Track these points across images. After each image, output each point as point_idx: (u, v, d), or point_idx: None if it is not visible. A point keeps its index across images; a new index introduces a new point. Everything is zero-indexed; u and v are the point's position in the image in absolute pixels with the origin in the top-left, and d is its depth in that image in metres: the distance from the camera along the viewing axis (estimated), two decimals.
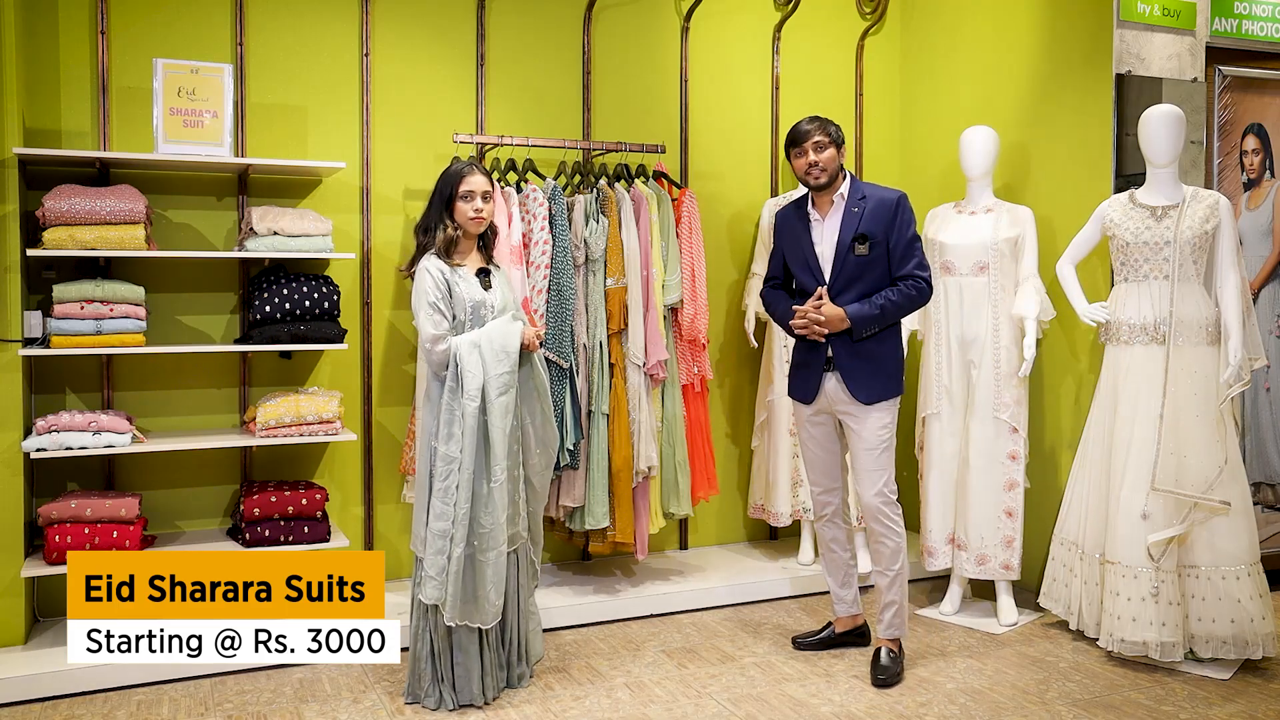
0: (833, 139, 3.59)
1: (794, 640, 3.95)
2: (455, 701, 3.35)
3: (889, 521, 3.63)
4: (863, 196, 3.59)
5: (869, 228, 3.54)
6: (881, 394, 3.57)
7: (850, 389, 3.57)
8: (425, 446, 3.37)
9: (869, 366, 3.56)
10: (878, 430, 3.59)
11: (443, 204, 3.43)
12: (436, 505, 3.26)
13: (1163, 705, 3.41)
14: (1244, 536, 3.66)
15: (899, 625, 3.66)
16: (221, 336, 4.12)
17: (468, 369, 3.27)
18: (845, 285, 3.57)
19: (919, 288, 3.55)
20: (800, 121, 3.63)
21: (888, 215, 3.55)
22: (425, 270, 3.35)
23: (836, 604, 3.91)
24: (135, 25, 3.98)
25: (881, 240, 3.55)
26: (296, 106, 4.22)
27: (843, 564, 3.87)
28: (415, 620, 3.38)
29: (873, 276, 3.55)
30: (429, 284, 3.33)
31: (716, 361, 4.92)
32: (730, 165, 4.99)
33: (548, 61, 4.62)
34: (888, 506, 3.62)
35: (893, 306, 3.53)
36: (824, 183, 3.58)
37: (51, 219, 3.56)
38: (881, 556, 3.66)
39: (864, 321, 3.52)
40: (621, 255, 4.20)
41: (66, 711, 3.34)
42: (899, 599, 3.65)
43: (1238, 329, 3.68)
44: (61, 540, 3.57)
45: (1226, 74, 4.41)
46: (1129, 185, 4.03)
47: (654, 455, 4.22)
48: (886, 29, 5.28)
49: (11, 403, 3.63)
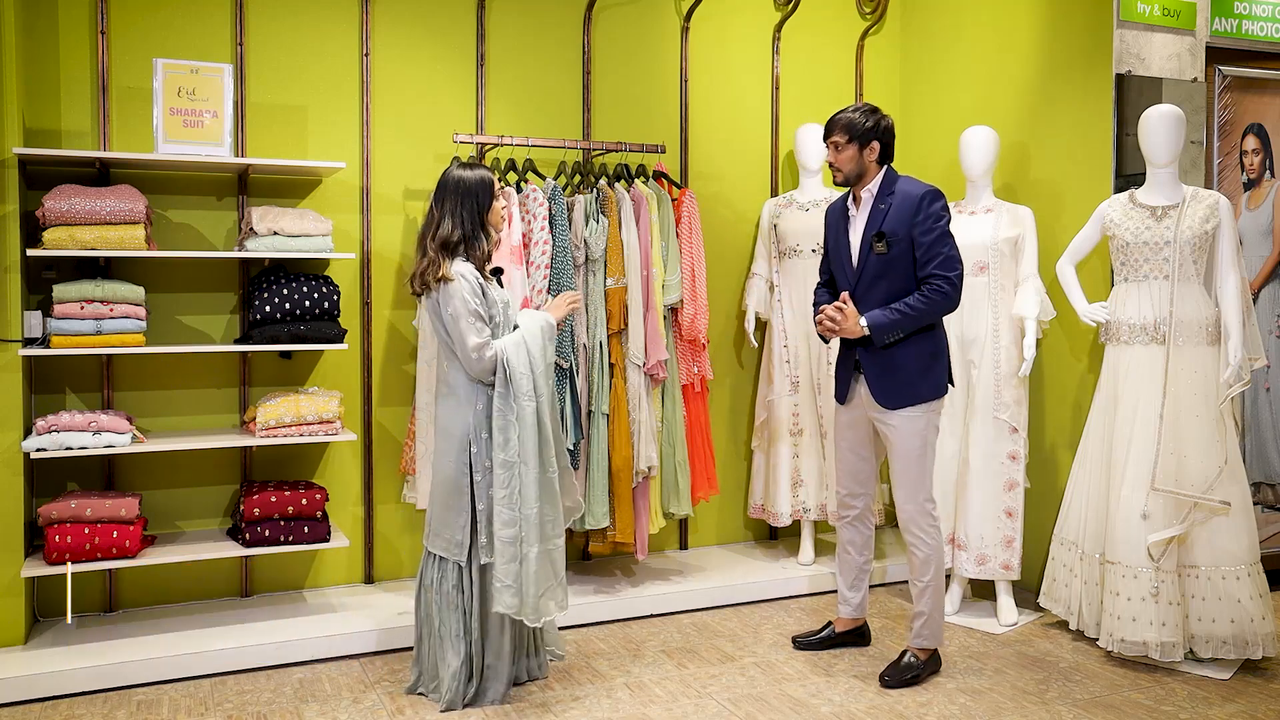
0: (855, 137, 3.47)
1: (794, 640, 3.95)
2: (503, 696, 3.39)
3: (920, 532, 3.55)
4: (891, 192, 3.47)
5: (890, 225, 3.43)
6: (903, 399, 3.48)
7: (873, 393, 3.52)
8: (456, 449, 3.30)
9: (890, 371, 3.48)
10: (908, 438, 3.49)
11: (478, 212, 3.33)
12: (503, 513, 3.20)
13: (1163, 705, 3.41)
14: (1244, 536, 3.67)
15: (927, 635, 3.61)
16: (221, 336, 4.12)
17: (519, 370, 3.24)
18: (870, 285, 3.49)
19: (942, 291, 3.40)
20: (835, 113, 3.56)
21: (910, 211, 3.42)
22: (462, 277, 3.24)
23: (841, 604, 3.89)
24: (135, 25, 3.98)
25: (904, 238, 3.42)
26: (296, 106, 4.22)
27: (855, 567, 3.82)
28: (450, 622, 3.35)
29: (897, 276, 3.45)
30: (467, 291, 3.23)
31: (716, 361, 4.92)
32: (730, 165, 4.99)
33: (548, 61, 4.62)
34: (921, 517, 3.53)
35: (914, 312, 3.40)
36: (842, 181, 3.53)
37: (51, 219, 3.56)
38: (913, 566, 3.60)
39: (883, 330, 3.43)
40: (621, 255, 4.20)
41: (66, 711, 3.33)
42: (928, 610, 3.58)
43: (1238, 329, 3.67)
44: (61, 540, 3.57)
45: (1226, 74, 4.41)
46: (1129, 185, 4.03)
47: (654, 455, 4.23)
48: (886, 29, 5.28)
49: (11, 403, 3.63)
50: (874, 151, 3.50)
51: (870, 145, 3.49)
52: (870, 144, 3.49)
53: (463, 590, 3.34)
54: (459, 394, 3.32)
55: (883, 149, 3.52)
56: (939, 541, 3.57)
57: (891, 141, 3.54)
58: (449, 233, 3.29)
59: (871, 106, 3.56)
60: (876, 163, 3.52)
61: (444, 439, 3.35)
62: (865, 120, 3.49)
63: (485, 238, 3.35)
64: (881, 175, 3.52)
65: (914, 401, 3.49)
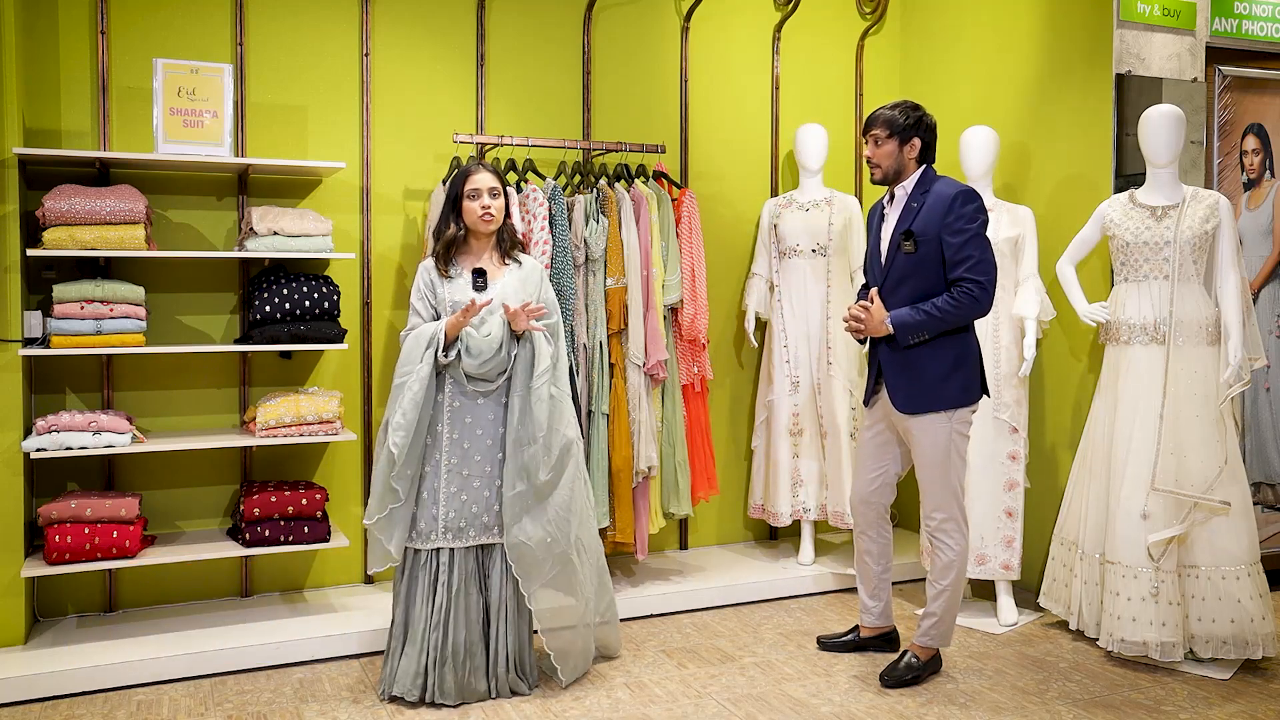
0: (896, 133, 3.42)
1: (819, 641, 3.90)
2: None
3: (947, 539, 3.49)
4: (925, 191, 3.42)
5: (920, 225, 3.37)
6: (922, 405, 3.40)
7: (891, 396, 3.47)
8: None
9: (910, 375, 3.41)
10: (930, 446, 3.42)
11: (451, 205, 3.47)
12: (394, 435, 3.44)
13: (1163, 705, 3.41)
14: (1244, 536, 3.66)
15: (935, 636, 3.57)
16: (221, 336, 4.12)
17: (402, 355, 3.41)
18: (896, 284, 3.44)
19: (971, 295, 3.31)
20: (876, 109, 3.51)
21: (940, 212, 3.34)
22: (420, 270, 3.50)
23: (863, 613, 3.84)
24: (135, 25, 3.98)
25: (933, 239, 3.36)
26: (296, 106, 4.22)
27: (873, 576, 3.75)
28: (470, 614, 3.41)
29: (924, 277, 3.38)
30: (419, 281, 3.48)
31: (716, 361, 4.92)
32: (730, 165, 4.99)
33: (548, 61, 4.62)
34: (949, 524, 3.47)
35: (940, 314, 3.33)
36: (880, 179, 3.48)
37: (51, 219, 3.56)
38: (935, 567, 3.56)
39: (907, 329, 3.37)
40: (621, 255, 4.20)
41: (66, 711, 3.33)
42: (940, 612, 3.54)
43: (1238, 329, 3.67)
44: (61, 540, 3.57)
45: (1226, 74, 4.41)
46: (1129, 185, 4.03)
47: (654, 455, 4.22)
48: (886, 29, 5.28)
49: (11, 403, 3.63)
50: (914, 149, 3.45)
51: (911, 142, 3.45)
52: (911, 140, 3.44)
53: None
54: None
55: (924, 147, 3.46)
56: (965, 549, 3.51)
57: (933, 141, 3.49)
58: (435, 229, 3.56)
59: (913, 104, 3.50)
60: (916, 160, 3.47)
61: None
62: (906, 117, 3.44)
63: (448, 226, 3.47)
64: (919, 174, 3.47)
65: (935, 407, 3.41)
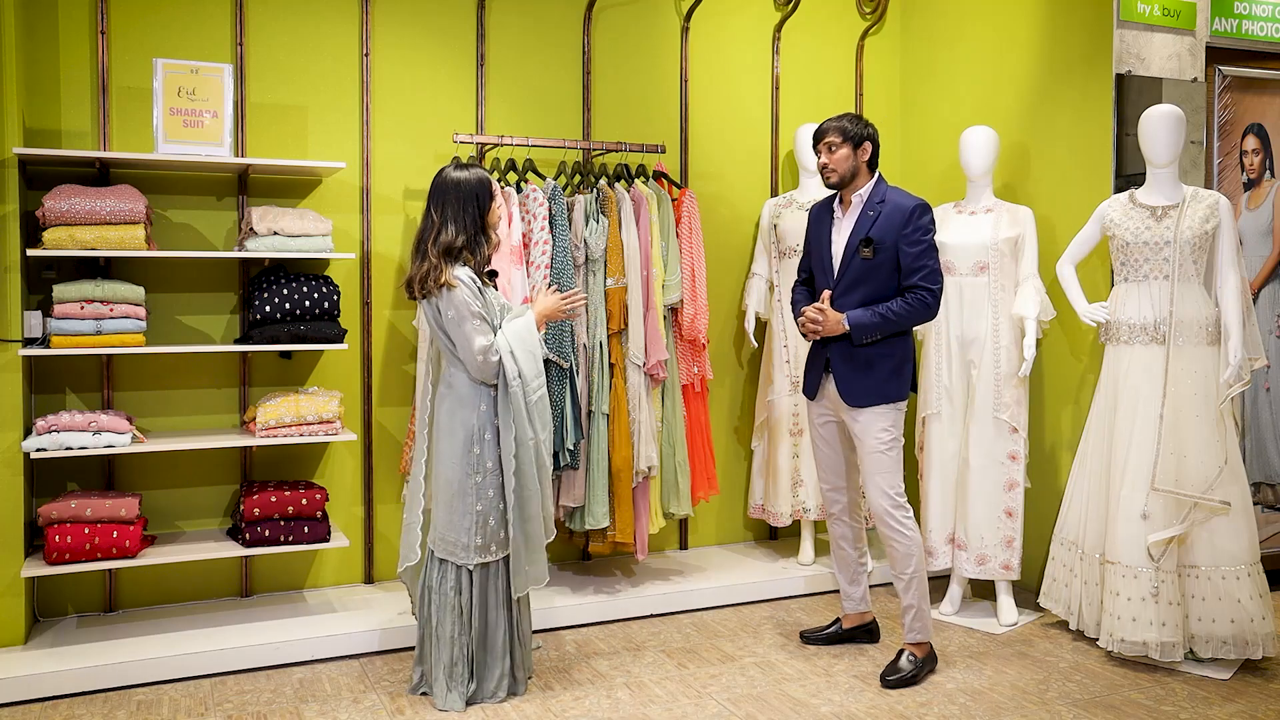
0: (849, 138, 3.57)
1: (802, 634, 3.96)
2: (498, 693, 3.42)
3: (895, 524, 3.60)
4: (881, 200, 3.58)
5: (878, 233, 3.54)
6: (871, 399, 3.57)
7: (840, 392, 3.60)
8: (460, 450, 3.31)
9: (861, 371, 3.57)
10: (875, 435, 3.58)
11: (479, 215, 3.34)
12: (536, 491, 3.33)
13: (1163, 705, 3.41)
14: (1244, 536, 3.66)
15: (919, 629, 3.64)
16: (221, 336, 4.12)
17: (526, 369, 3.33)
18: (850, 287, 3.58)
19: (925, 301, 3.52)
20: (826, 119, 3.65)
21: (899, 222, 3.53)
22: (462, 282, 3.25)
23: (844, 600, 3.93)
24: (135, 25, 3.98)
25: (890, 247, 3.53)
26: (296, 106, 4.22)
27: (850, 562, 3.88)
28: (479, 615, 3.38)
29: (878, 282, 3.55)
30: (469, 295, 3.25)
31: (716, 361, 4.92)
32: (730, 165, 4.99)
33: (548, 61, 4.62)
34: (894, 509, 3.60)
35: (895, 317, 3.52)
36: (835, 183, 3.61)
37: (51, 219, 3.56)
38: (894, 560, 3.64)
39: (863, 329, 3.53)
40: (621, 255, 4.20)
41: (66, 711, 3.33)
42: (916, 602, 3.62)
43: (1238, 329, 3.68)
44: (61, 540, 3.57)
45: (1226, 74, 4.41)
46: (1129, 185, 4.03)
47: (654, 455, 4.22)
48: (886, 29, 5.28)
49: (11, 403, 3.63)
50: (866, 152, 3.61)
51: (863, 145, 3.60)
52: (863, 144, 3.60)
53: (460, 591, 3.35)
54: (461, 395, 3.32)
55: (874, 150, 3.63)
56: (916, 533, 3.63)
57: (878, 147, 3.66)
58: (452, 238, 3.29)
59: (858, 115, 3.74)
60: (868, 166, 3.62)
61: (446, 440, 3.34)
62: (856, 124, 3.62)
63: (486, 241, 3.38)
64: (873, 183, 3.63)
65: (882, 401, 3.57)
